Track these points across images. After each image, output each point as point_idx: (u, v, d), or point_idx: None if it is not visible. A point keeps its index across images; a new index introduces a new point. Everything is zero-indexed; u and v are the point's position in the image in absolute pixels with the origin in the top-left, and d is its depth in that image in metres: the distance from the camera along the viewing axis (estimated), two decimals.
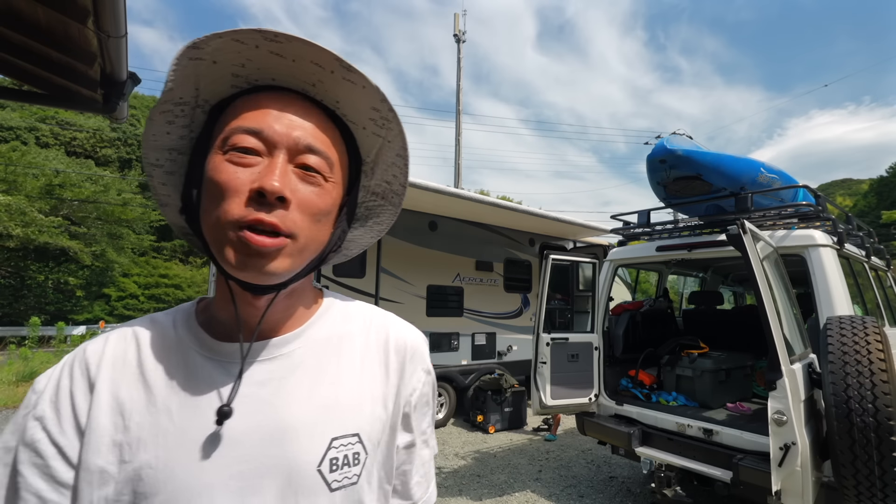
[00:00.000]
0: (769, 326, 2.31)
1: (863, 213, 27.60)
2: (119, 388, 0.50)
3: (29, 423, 0.48)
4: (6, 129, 20.02)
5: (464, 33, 14.64)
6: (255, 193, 0.47)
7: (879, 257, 4.25)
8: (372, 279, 5.28)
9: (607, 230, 6.39)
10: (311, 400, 0.54)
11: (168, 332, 0.55)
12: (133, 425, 0.48)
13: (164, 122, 0.53)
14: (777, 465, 2.26)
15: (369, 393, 0.59)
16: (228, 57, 0.50)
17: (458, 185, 13.69)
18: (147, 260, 22.18)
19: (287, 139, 0.50)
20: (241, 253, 0.48)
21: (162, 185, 0.58)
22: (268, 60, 0.51)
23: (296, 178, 0.50)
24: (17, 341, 12.29)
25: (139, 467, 0.47)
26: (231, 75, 0.52)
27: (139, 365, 0.52)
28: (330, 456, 0.53)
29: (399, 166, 0.62)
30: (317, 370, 0.56)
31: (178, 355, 0.53)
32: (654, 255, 3.69)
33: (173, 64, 0.49)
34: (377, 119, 0.57)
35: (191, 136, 0.56)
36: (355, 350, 0.61)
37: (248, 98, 0.52)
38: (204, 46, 0.48)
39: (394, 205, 0.66)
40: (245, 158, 0.49)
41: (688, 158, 3.28)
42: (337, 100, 0.55)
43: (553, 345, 3.61)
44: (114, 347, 0.53)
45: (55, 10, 1.87)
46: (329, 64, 0.51)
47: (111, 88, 2.38)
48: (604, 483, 4.09)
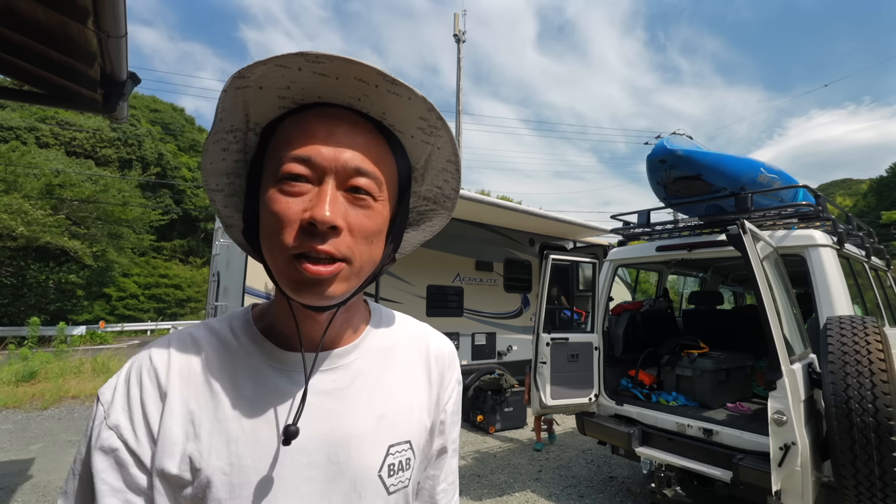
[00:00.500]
0: (769, 326, 2.31)
1: (863, 213, 27.59)
2: (188, 397, 0.52)
3: (104, 433, 0.49)
4: (6, 129, 20.01)
5: (464, 33, 14.64)
6: (308, 224, 0.48)
7: (879, 257, 4.25)
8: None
9: (607, 230, 6.39)
10: (370, 409, 0.58)
11: (229, 340, 0.57)
12: (204, 433, 0.50)
13: (218, 149, 0.55)
14: (777, 465, 2.26)
15: (418, 401, 0.63)
16: (273, 81, 0.50)
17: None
18: (147, 260, 22.18)
19: (335, 164, 0.50)
20: (298, 281, 0.49)
21: (224, 208, 0.61)
22: (312, 81, 0.51)
23: (346, 202, 0.51)
24: (17, 341, 12.29)
25: (212, 473, 0.49)
26: (278, 98, 0.53)
27: (205, 373, 0.53)
28: (388, 462, 0.57)
29: (450, 171, 0.62)
30: (374, 380, 0.60)
31: (243, 364, 0.55)
32: (654, 255, 3.69)
33: (222, 95, 0.50)
34: (425, 128, 0.57)
35: (245, 160, 0.58)
36: (404, 360, 0.64)
37: (296, 120, 0.53)
38: (249, 75, 0.49)
39: (446, 208, 0.67)
40: (296, 187, 0.49)
41: (688, 158, 3.28)
42: (383, 111, 0.55)
43: (553, 345, 3.61)
44: (178, 356, 0.54)
45: (55, 10, 1.87)
46: (373, 79, 0.51)
47: (111, 88, 2.38)
48: (604, 483, 4.09)
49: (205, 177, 0.58)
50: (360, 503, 0.54)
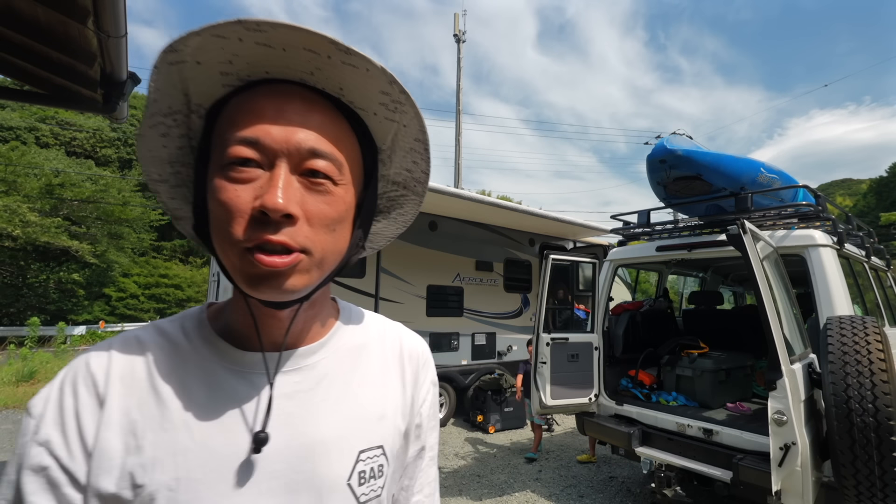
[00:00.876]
0: (769, 326, 2.31)
1: (862, 213, 27.59)
2: (130, 405, 0.46)
3: (33, 450, 0.44)
4: (6, 129, 20.01)
5: (464, 33, 14.64)
6: (259, 213, 0.44)
7: (879, 257, 4.25)
8: (372, 279, 5.28)
9: (607, 230, 6.39)
10: (338, 412, 0.53)
11: (179, 341, 0.52)
12: (147, 445, 0.45)
13: (156, 135, 0.49)
14: (777, 465, 2.26)
15: (391, 403, 0.58)
16: (213, 55, 0.45)
17: (459, 185, 13.69)
18: (147, 260, 22.17)
19: (287, 145, 0.45)
20: (252, 275, 0.45)
21: (171, 200, 0.55)
22: (256, 53, 0.45)
23: (302, 188, 0.46)
24: (17, 341, 12.29)
25: (156, 490, 0.44)
26: (220, 74, 0.47)
27: (150, 378, 0.48)
28: (358, 469, 0.52)
29: (419, 152, 0.57)
30: (342, 381, 0.55)
31: (195, 367, 0.50)
32: (654, 255, 3.69)
33: (153, 72, 0.44)
34: (388, 103, 0.51)
35: (191, 146, 0.52)
36: (375, 359, 0.60)
37: (242, 99, 0.47)
38: (182, 48, 0.43)
39: (417, 194, 0.62)
40: (244, 172, 0.45)
41: (688, 158, 3.28)
42: (340, 86, 0.50)
43: (553, 345, 3.61)
44: (120, 360, 0.49)
45: (55, 10, 1.87)
46: (324, 49, 0.45)
47: (111, 88, 2.38)
48: (604, 483, 4.09)
49: (144, 167, 0.52)
50: None
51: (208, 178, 0.48)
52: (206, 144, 0.50)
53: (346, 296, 5.10)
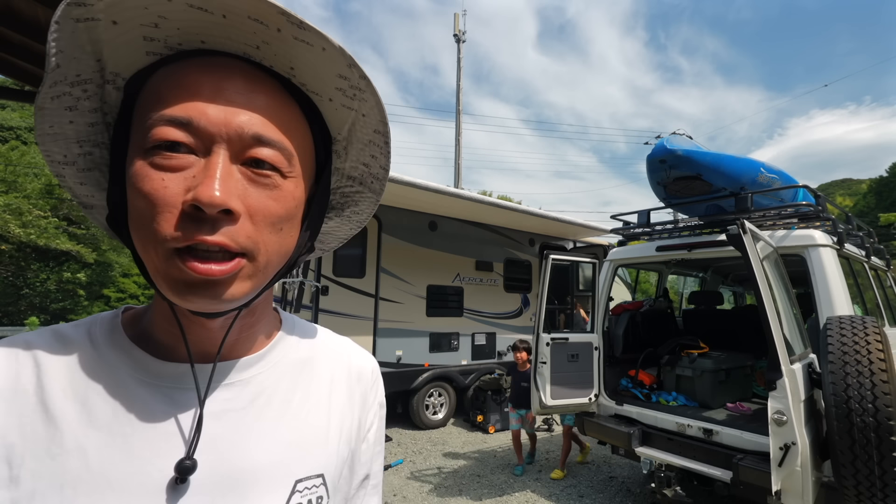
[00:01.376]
0: (769, 326, 2.31)
1: (862, 213, 27.60)
2: (7, 426, 0.37)
3: None
4: (6, 129, 20.02)
5: (464, 33, 14.64)
6: (191, 207, 0.36)
7: (879, 257, 4.25)
8: (372, 279, 5.28)
9: (607, 230, 6.39)
10: (273, 434, 0.46)
11: (83, 348, 0.42)
12: (25, 475, 0.36)
13: (61, 108, 0.41)
14: (777, 465, 2.26)
15: (336, 426, 0.52)
16: (132, 14, 0.37)
17: (458, 185, 13.70)
18: None
19: (227, 129, 0.38)
20: (181, 281, 0.37)
21: (80, 186, 0.46)
22: (189, 18, 0.38)
23: (244, 180, 0.39)
24: None
25: None
26: (143, 39, 0.39)
27: (38, 393, 0.39)
28: (294, 501, 0.45)
29: (378, 145, 0.50)
30: (280, 399, 0.48)
31: (100, 379, 0.41)
32: (654, 255, 3.69)
33: (53, 30, 0.36)
34: (346, 89, 0.44)
35: (106, 122, 0.44)
36: (321, 376, 0.53)
37: (171, 71, 0.40)
38: (92, 2, 0.35)
39: (374, 191, 0.55)
40: (173, 159, 0.37)
41: (688, 158, 3.28)
42: (291, 66, 0.42)
43: (553, 345, 3.61)
44: (1, 370, 0.39)
45: (55, 11, 1.88)
46: (273, 20, 0.38)
47: None
48: (604, 483, 4.09)
49: (44, 146, 0.42)
50: None
51: (127, 162, 0.40)
52: (124, 121, 0.42)
53: (346, 296, 5.10)
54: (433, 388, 5.76)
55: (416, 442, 5.21)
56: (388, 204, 5.34)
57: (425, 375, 5.56)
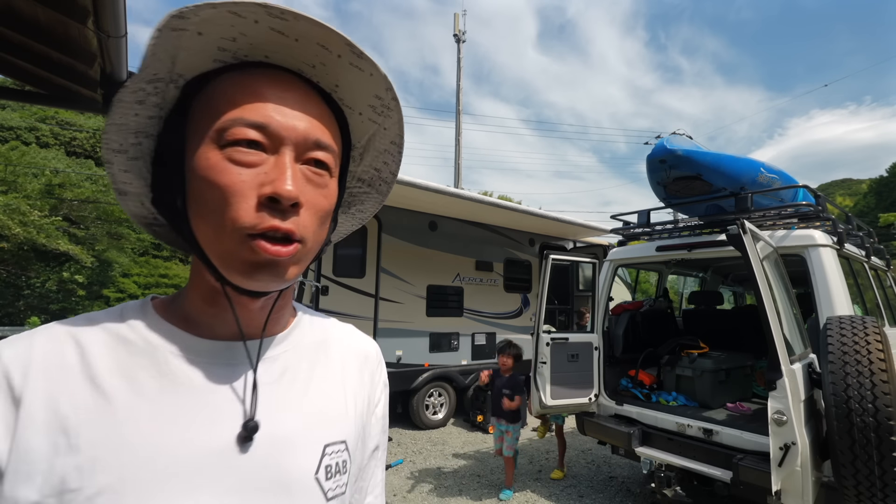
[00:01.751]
0: (769, 326, 2.31)
1: (862, 213, 27.59)
2: (59, 400, 0.40)
3: None
4: (6, 129, 20.01)
5: (464, 33, 14.64)
6: (267, 199, 0.42)
7: (879, 257, 4.25)
8: (372, 279, 5.28)
9: (607, 230, 6.39)
10: (302, 405, 0.51)
11: (120, 330, 0.46)
12: (84, 444, 0.39)
13: (133, 101, 0.45)
14: (777, 465, 2.26)
15: (352, 402, 0.57)
16: (218, 29, 0.43)
17: (459, 185, 13.69)
18: (147, 260, 22.16)
19: (295, 134, 0.45)
20: (252, 263, 0.43)
21: (123, 173, 0.50)
22: (266, 38, 0.45)
23: (303, 177, 0.45)
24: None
25: (96, 493, 0.38)
26: (217, 49, 0.45)
27: (85, 370, 0.42)
28: (325, 463, 0.50)
29: (392, 154, 0.58)
30: (303, 377, 0.53)
31: (142, 357, 0.45)
32: (654, 255, 3.69)
33: (154, 36, 0.41)
34: (377, 106, 0.52)
35: (160, 116, 0.48)
36: (335, 357, 0.59)
37: (239, 79, 0.45)
38: (191, 17, 0.40)
39: (381, 193, 0.62)
40: (249, 155, 0.43)
41: (688, 158, 3.28)
42: (336, 84, 0.50)
43: (553, 345, 3.61)
44: (45, 349, 0.42)
45: (55, 10, 1.87)
46: (338, 48, 0.46)
47: (111, 88, 2.38)
48: (604, 483, 4.09)
49: (108, 135, 0.47)
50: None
51: (192, 155, 0.45)
52: (177, 118, 0.47)
53: (346, 296, 5.10)
54: (433, 388, 5.75)
55: (416, 442, 5.21)
56: (388, 204, 5.34)
57: (425, 375, 5.56)
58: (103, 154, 0.48)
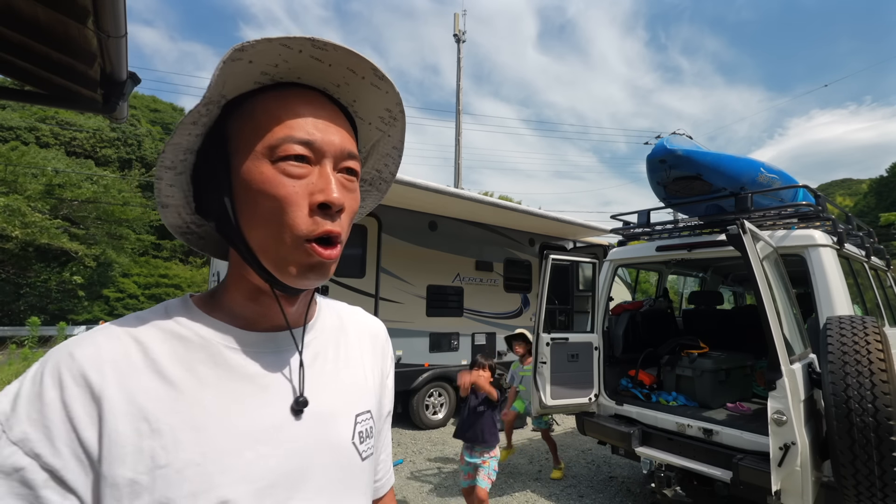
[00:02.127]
0: (769, 326, 2.31)
1: (862, 213, 27.58)
2: (134, 391, 0.46)
3: (3, 451, 0.41)
4: (6, 129, 20.00)
5: (464, 33, 14.64)
6: (318, 206, 0.49)
7: (879, 257, 4.25)
8: (372, 279, 5.28)
9: (607, 230, 6.39)
10: (335, 381, 0.60)
11: (173, 328, 0.51)
12: (165, 427, 0.45)
13: (190, 122, 0.50)
14: (777, 464, 2.26)
15: (370, 374, 0.66)
16: (266, 58, 0.49)
17: (459, 185, 13.69)
18: (147, 260, 22.16)
19: (333, 147, 0.51)
20: (306, 265, 0.50)
21: (169, 187, 0.55)
22: (304, 63, 0.51)
23: (339, 184, 0.51)
24: (17, 342, 12.28)
25: (183, 467, 0.45)
26: (259, 73, 0.51)
27: (151, 364, 0.48)
28: (358, 430, 0.59)
29: (393, 157, 0.65)
30: (331, 358, 0.61)
31: (199, 350, 0.51)
32: (654, 255, 3.69)
33: (220, 67, 0.46)
34: (385, 118, 0.59)
35: (204, 133, 0.54)
36: (352, 337, 0.67)
37: (280, 100, 0.51)
38: (249, 49, 0.47)
39: (380, 191, 0.69)
40: (299, 168, 0.49)
41: (688, 158, 3.28)
42: (354, 99, 0.57)
43: (553, 345, 3.61)
44: (111, 348, 0.47)
45: (55, 10, 1.87)
46: (364, 71, 0.53)
47: (111, 88, 2.38)
48: (604, 483, 4.09)
49: (165, 154, 0.51)
50: (341, 472, 0.56)
51: (239, 167, 0.50)
52: (219, 134, 0.52)
53: (346, 296, 5.10)
54: (433, 388, 5.76)
55: (416, 442, 5.21)
56: (388, 204, 5.34)
57: (425, 375, 5.56)
58: (157, 171, 0.53)
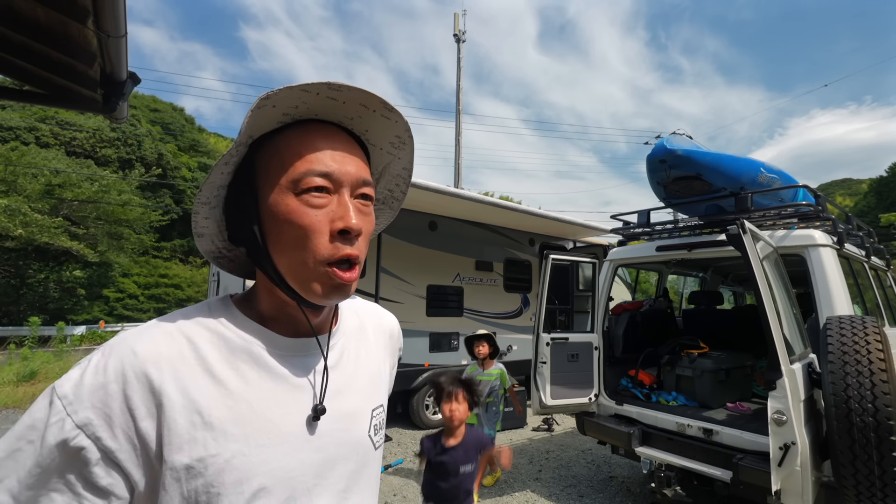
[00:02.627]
0: (769, 326, 2.31)
1: (862, 213, 27.59)
2: (188, 387, 0.52)
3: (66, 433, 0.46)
4: (6, 129, 19.99)
5: (464, 33, 14.63)
6: (339, 233, 0.54)
7: (879, 257, 4.25)
8: (372, 279, 5.28)
9: (607, 230, 6.39)
10: (355, 381, 0.66)
11: (219, 328, 0.57)
12: (215, 420, 0.51)
13: (223, 163, 0.56)
14: (777, 464, 2.26)
15: (384, 370, 0.74)
16: (288, 101, 0.54)
17: (459, 185, 13.69)
18: (147, 260, 22.15)
19: (349, 177, 0.56)
20: (328, 287, 0.55)
21: (204, 220, 0.61)
22: (321, 103, 0.56)
23: (356, 210, 0.56)
24: (17, 341, 12.28)
25: (231, 457, 0.51)
26: (282, 114, 0.56)
27: (201, 362, 0.54)
28: (373, 423, 0.67)
29: (403, 178, 0.71)
30: (353, 356, 0.68)
31: (243, 351, 0.56)
32: (654, 255, 3.69)
33: (247, 117, 0.52)
34: (395, 143, 0.65)
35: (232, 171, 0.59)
36: (370, 337, 0.73)
37: (300, 135, 0.56)
38: (273, 97, 0.52)
39: (392, 209, 0.75)
40: (321, 198, 0.54)
41: (688, 158, 3.28)
42: (367, 129, 0.62)
43: (553, 345, 3.61)
44: (168, 346, 0.53)
45: (55, 10, 1.87)
46: (374, 106, 0.59)
47: (111, 88, 2.38)
48: (604, 483, 4.09)
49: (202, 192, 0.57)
50: (361, 462, 0.63)
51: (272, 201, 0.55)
52: (247, 169, 0.58)
53: None
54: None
55: (416, 442, 5.20)
56: None
57: (425, 375, 5.56)
58: (195, 207, 0.58)
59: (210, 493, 0.50)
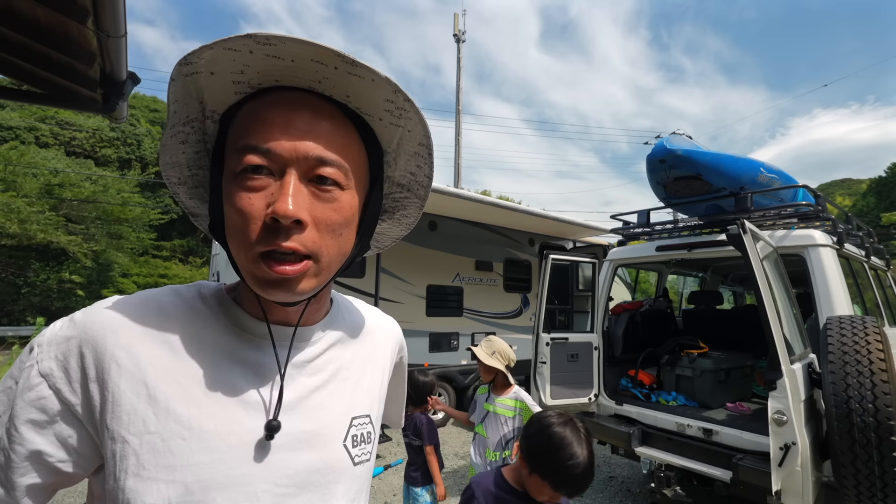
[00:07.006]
0: (769, 326, 2.31)
1: (862, 213, 27.59)
2: (144, 356, 0.48)
3: (32, 381, 0.46)
4: (6, 129, 19.99)
5: (464, 33, 14.63)
6: (271, 220, 0.46)
7: (879, 257, 4.25)
8: (372, 279, 5.28)
9: (607, 230, 6.39)
10: (334, 382, 0.59)
11: (196, 303, 0.54)
12: (160, 395, 0.47)
13: (177, 143, 0.52)
14: (777, 464, 2.26)
15: (379, 379, 0.67)
16: (225, 66, 0.47)
17: (459, 185, 13.69)
18: (147, 260, 22.15)
19: (296, 154, 0.48)
20: (264, 280, 0.48)
21: (189, 200, 0.58)
22: (266, 64, 0.48)
23: (310, 195, 0.49)
24: (18, 341, 12.27)
25: (168, 437, 0.46)
26: (232, 83, 0.50)
27: (165, 333, 0.50)
28: (352, 433, 0.59)
29: (423, 156, 0.60)
30: (337, 355, 0.61)
31: (211, 328, 0.53)
32: (653, 255, 3.69)
33: (170, 84, 0.47)
34: (393, 110, 0.54)
35: (207, 149, 0.55)
36: (368, 341, 0.68)
37: (253, 108, 0.50)
38: (196, 60, 0.46)
39: (419, 197, 0.65)
40: (257, 180, 0.47)
41: (687, 158, 3.28)
42: (347, 94, 0.52)
43: (553, 345, 3.61)
44: (136, 313, 0.50)
45: (55, 10, 1.87)
46: (330, 60, 0.48)
47: (111, 88, 2.38)
48: (604, 483, 4.09)
49: (165, 172, 0.55)
50: (327, 472, 0.55)
51: (223, 182, 0.51)
52: (220, 149, 0.53)
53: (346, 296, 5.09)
54: None
55: None
56: None
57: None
58: (169, 187, 0.56)
59: (140, 475, 0.45)
